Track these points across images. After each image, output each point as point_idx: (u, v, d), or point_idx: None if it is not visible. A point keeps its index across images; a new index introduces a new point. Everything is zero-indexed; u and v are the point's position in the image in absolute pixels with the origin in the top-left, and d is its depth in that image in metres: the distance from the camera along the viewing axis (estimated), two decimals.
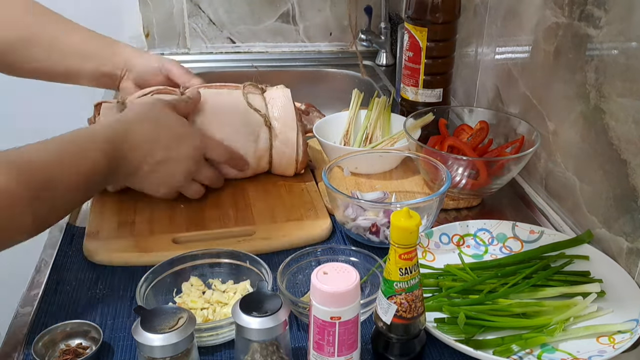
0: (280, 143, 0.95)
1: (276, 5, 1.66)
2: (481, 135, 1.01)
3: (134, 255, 0.81)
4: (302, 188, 0.97)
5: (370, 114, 1.11)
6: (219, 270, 0.77)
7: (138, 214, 0.89)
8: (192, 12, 1.63)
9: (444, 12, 1.05)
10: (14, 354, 0.67)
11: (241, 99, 0.95)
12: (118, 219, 0.87)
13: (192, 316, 0.60)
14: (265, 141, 0.94)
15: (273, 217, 0.89)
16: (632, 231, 0.76)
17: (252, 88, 0.97)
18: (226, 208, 0.91)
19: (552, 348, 0.67)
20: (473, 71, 1.24)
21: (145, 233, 0.85)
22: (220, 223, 0.88)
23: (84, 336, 0.69)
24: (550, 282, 0.76)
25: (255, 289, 0.65)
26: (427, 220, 0.83)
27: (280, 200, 0.93)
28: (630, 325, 0.68)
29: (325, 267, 0.60)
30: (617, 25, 0.77)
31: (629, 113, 0.76)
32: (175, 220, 0.88)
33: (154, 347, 0.57)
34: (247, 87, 0.97)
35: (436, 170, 0.89)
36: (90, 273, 0.80)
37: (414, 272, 0.60)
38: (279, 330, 0.60)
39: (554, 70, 0.92)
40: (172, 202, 0.91)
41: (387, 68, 1.64)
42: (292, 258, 0.75)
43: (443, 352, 0.68)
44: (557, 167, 0.94)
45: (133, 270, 0.79)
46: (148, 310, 0.61)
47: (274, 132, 0.94)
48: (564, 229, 0.91)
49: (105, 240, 0.83)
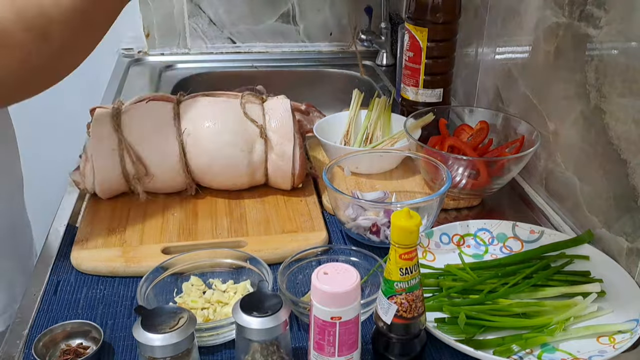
0: (276, 156, 0.91)
1: (276, 6, 1.66)
2: (481, 135, 1.01)
3: (121, 265, 0.79)
4: (301, 198, 0.94)
5: (371, 114, 1.11)
6: (220, 270, 0.77)
7: (130, 222, 0.88)
8: (193, 12, 1.64)
9: (444, 12, 1.05)
10: (14, 354, 0.68)
11: (238, 108, 0.92)
12: (109, 227, 0.86)
13: (192, 316, 0.60)
14: (260, 153, 0.91)
15: (267, 229, 0.87)
16: (632, 231, 0.76)
17: (251, 97, 0.94)
18: (220, 218, 0.90)
19: (552, 348, 0.67)
20: (473, 71, 1.24)
21: (134, 242, 0.83)
22: (213, 233, 0.86)
23: (85, 336, 0.69)
24: (550, 282, 0.76)
25: (255, 289, 0.65)
26: (428, 220, 0.83)
27: (277, 211, 0.91)
28: (630, 325, 0.68)
29: (325, 267, 0.60)
30: (617, 25, 0.77)
31: (629, 113, 0.76)
32: (167, 229, 0.87)
33: (155, 347, 0.57)
34: (246, 97, 0.94)
35: (436, 170, 0.89)
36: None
37: (414, 272, 0.60)
38: (280, 330, 0.60)
39: (554, 70, 0.92)
40: (164, 211, 0.90)
41: (388, 68, 1.65)
42: (292, 258, 0.75)
43: (443, 352, 0.68)
44: (557, 167, 0.94)
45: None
46: (149, 310, 0.61)
47: (270, 144, 0.91)
48: (564, 229, 0.91)
49: (92, 249, 0.82)
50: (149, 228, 0.87)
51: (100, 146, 0.88)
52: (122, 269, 0.79)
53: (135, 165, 0.88)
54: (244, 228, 0.87)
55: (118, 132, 0.88)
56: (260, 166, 0.92)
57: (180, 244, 0.83)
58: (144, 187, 0.90)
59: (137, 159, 0.88)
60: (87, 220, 0.88)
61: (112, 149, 0.88)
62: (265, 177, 0.94)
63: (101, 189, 0.90)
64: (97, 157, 0.88)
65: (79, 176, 0.91)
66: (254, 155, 0.91)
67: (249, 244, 0.83)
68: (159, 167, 0.90)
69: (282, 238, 0.85)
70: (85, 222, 0.88)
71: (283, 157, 0.91)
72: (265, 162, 0.92)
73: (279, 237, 0.85)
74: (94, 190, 0.91)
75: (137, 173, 0.89)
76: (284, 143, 0.91)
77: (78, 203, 0.95)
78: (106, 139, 0.88)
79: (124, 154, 0.88)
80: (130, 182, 0.90)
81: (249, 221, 0.89)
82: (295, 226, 0.88)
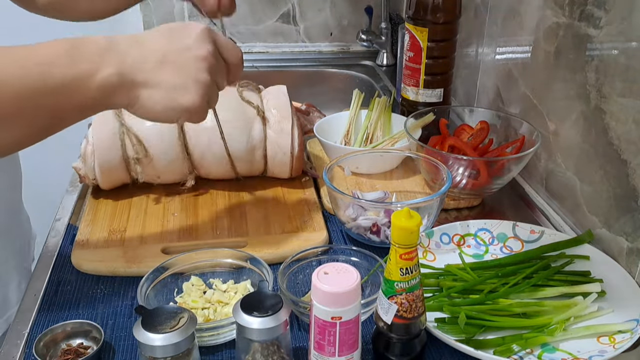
0: (275, 133, 0.93)
1: (276, 6, 1.66)
2: (482, 135, 1.01)
3: (122, 266, 0.79)
4: (302, 197, 0.94)
5: (371, 114, 1.11)
6: (220, 270, 0.77)
7: (130, 221, 0.88)
8: (193, 12, 1.64)
9: (444, 12, 1.05)
10: (15, 354, 0.68)
11: (235, 94, 0.95)
12: (109, 227, 0.87)
13: (193, 316, 0.60)
14: (259, 132, 0.93)
15: (267, 228, 0.87)
16: (632, 231, 0.77)
17: (247, 85, 0.98)
18: (221, 217, 0.90)
19: (552, 348, 0.67)
20: (474, 71, 1.24)
21: (134, 243, 0.84)
22: (213, 233, 0.86)
23: (85, 336, 0.69)
24: (550, 282, 0.76)
25: (256, 289, 0.65)
26: (428, 220, 0.83)
27: (277, 210, 0.91)
28: (630, 325, 0.68)
29: (326, 267, 0.60)
30: (617, 25, 0.77)
31: (629, 113, 0.76)
32: (168, 229, 0.87)
33: (155, 346, 0.57)
34: (242, 84, 0.97)
35: (437, 170, 0.89)
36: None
37: (414, 272, 0.60)
38: (280, 330, 0.60)
39: (555, 70, 0.92)
40: (165, 210, 0.91)
41: (388, 68, 1.65)
42: (292, 258, 0.75)
43: (443, 352, 0.68)
44: (558, 167, 0.94)
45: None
46: (149, 310, 0.61)
47: (268, 124, 0.93)
48: (564, 229, 0.91)
49: (93, 249, 0.82)
50: (150, 228, 0.87)
51: (101, 129, 0.90)
52: (123, 269, 0.79)
53: (135, 147, 0.90)
54: (244, 228, 0.87)
55: (119, 117, 0.90)
56: (260, 145, 0.93)
57: (180, 244, 0.83)
58: (144, 171, 0.92)
59: (137, 141, 0.89)
60: (88, 220, 0.88)
61: (113, 133, 0.89)
62: (265, 159, 0.95)
63: (101, 171, 0.91)
64: (97, 139, 0.89)
65: (80, 163, 0.92)
66: (253, 133, 0.93)
67: (250, 244, 0.83)
68: (158, 148, 0.90)
69: (283, 238, 0.85)
70: (85, 222, 0.88)
71: (281, 134, 0.93)
72: (264, 141, 0.93)
73: (280, 237, 0.85)
74: (94, 176, 0.91)
75: (136, 154, 0.90)
76: (282, 121, 0.93)
77: (78, 203, 0.95)
78: (107, 123, 0.90)
79: (125, 137, 0.89)
80: (130, 167, 0.91)
81: (249, 221, 0.89)
82: (296, 226, 0.87)
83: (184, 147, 0.91)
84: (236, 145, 0.92)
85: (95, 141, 0.89)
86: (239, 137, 0.92)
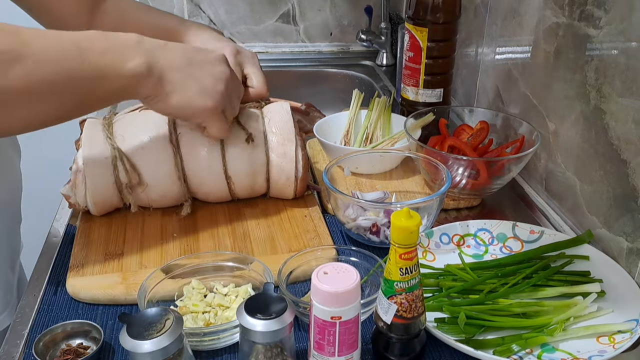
0: (277, 157, 0.87)
1: (276, 6, 1.66)
2: (481, 135, 1.01)
3: (121, 293, 0.74)
4: (305, 214, 0.89)
5: (371, 114, 1.11)
6: (221, 273, 0.76)
7: (127, 244, 0.82)
8: (193, 12, 1.64)
9: (444, 12, 1.05)
10: (15, 354, 0.68)
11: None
12: (105, 251, 0.81)
13: (178, 316, 0.59)
14: (260, 155, 0.87)
15: (273, 248, 0.82)
16: (632, 231, 0.77)
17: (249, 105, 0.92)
18: (223, 237, 0.84)
19: (552, 348, 0.67)
20: (473, 71, 1.24)
21: (133, 267, 0.78)
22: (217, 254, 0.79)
23: (85, 336, 0.69)
24: (550, 282, 0.76)
25: (259, 291, 0.65)
26: (428, 220, 0.83)
27: (281, 228, 0.86)
28: (630, 325, 0.68)
29: (325, 267, 0.60)
30: (617, 25, 0.77)
31: (629, 113, 0.76)
32: (168, 250, 0.81)
33: (144, 354, 0.56)
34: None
35: (436, 170, 0.89)
36: None
37: (414, 272, 0.60)
38: (284, 332, 0.59)
39: (554, 70, 0.92)
40: (164, 231, 0.85)
41: (388, 68, 1.65)
42: (292, 258, 0.75)
43: (443, 352, 0.68)
44: (558, 167, 0.94)
45: None
46: (132, 316, 0.59)
47: (270, 146, 0.87)
48: (564, 229, 0.91)
49: (89, 276, 0.76)
50: (148, 250, 0.81)
51: (93, 154, 0.83)
52: (123, 296, 0.74)
53: (129, 173, 0.83)
54: (249, 247, 0.83)
55: (111, 140, 0.84)
56: (262, 169, 0.88)
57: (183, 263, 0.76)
58: (138, 198, 0.86)
59: (130, 167, 0.83)
60: (81, 243, 0.82)
61: (104, 157, 0.83)
62: (267, 182, 0.90)
63: (94, 201, 0.84)
64: (89, 165, 0.83)
65: (69, 190, 0.85)
66: (254, 157, 0.87)
67: (256, 264, 0.76)
68: (154, 176, 0.85)
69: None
70: (79, 245, 0.82)
71: (285, 157, 0.87)
72: (266, 165, 0.88)
73: (287, 257, 0.76)
74: (85, 204, 0.85)
75: (129, 182, 0.84)
76: (285, 144, 0.88)
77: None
78: (98, 147, 0.83)
79: (117, 163, 0.83)
80: (123, 193, 0.85)
81: (253, 240, 0.84)
82: (303, 244, 0.83)
83: (182, 173, 0.85)
84: (236, 170, 0.87)
85: (86, 169, 0.82)
86: (239, 161, 0.87)
